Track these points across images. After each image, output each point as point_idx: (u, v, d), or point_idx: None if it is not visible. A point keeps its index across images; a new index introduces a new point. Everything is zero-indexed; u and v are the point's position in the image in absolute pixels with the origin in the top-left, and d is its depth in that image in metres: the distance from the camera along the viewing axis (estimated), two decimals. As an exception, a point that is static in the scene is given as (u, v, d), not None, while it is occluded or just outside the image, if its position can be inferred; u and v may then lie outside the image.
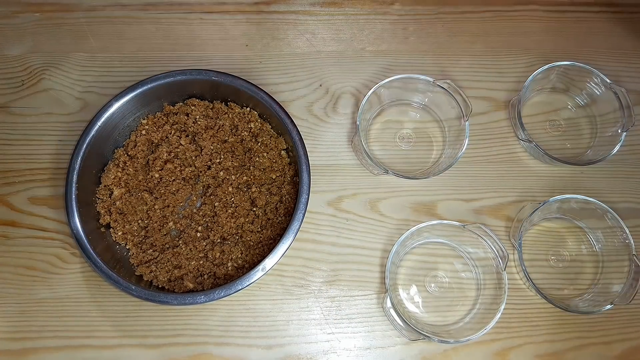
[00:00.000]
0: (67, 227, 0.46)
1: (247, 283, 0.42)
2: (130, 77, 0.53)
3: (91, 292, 0.47)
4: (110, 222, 0.47)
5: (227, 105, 0.50)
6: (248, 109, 0.50)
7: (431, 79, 0.49)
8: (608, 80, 0.51)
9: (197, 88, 0.49)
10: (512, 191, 0.52)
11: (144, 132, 0.50)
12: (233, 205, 0.48)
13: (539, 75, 0.51)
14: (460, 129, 0.49)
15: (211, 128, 0.49)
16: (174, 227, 0.48)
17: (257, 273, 0.42)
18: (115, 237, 0.47)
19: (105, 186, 0.48)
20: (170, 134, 0.50)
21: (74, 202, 0.44)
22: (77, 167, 0.45)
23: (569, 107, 0.55)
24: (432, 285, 0.49)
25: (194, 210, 0.49)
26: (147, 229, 0.48)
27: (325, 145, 0.52)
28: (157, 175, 0.48)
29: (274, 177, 0.49)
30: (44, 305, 0.47)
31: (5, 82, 0.54)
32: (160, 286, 0.46)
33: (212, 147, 0.49)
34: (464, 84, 0.55)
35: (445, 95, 0.49)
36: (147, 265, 0.46)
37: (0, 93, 0.53)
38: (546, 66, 0.51)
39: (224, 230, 0.47)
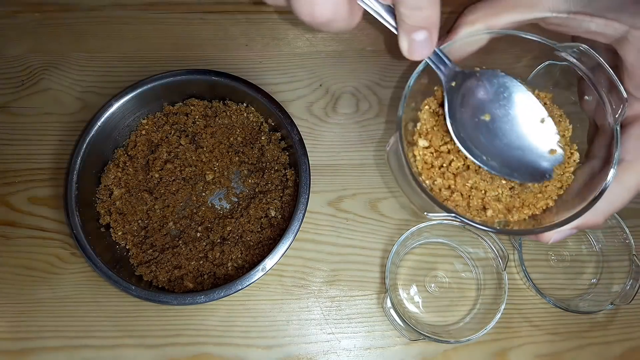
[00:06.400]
0: (67, 227, 0.46)
1: (247, 283, 0.42)
2: (130, 77, 0.53)
3: (91, 292, 0.47)
4: (110, 222, 0.47)
5: (224, 104, 0.50)
6: (244, 104, 0.50)
7: (553, 43, 0.33)
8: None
9: (196, 88, 0.49)
10: (512, 191, 0.52)
11: (143, 132, 0.50)
12: (234, 205, 0.48)
13: (541, 71, 0.50)
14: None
15: (210, 127, 0.49)
16: (173, 227, 0.48)
17: (257, 273, 0.42)
18: (115, 237, 0.47)
19: (105, 186, 0.48)
20: (170, 134, 0.50)
21: (73, 202, 0.44)
22: (77, 167, 0.45)
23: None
24: (432, 285, 0.49)
25: (194, 210, 0.49)
26: (147, 229, 0.48)
27: (325, 145, 0.52)
28: (157, 176, 0.48)
29: (273, 176, 0.49)
30: (44, 305, 0.47)
31: (5, 82, 0.54)
32: (160, 286, 0.46)
33: (211, 147, 0.49)
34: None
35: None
36: (147, 265, 0.46)
37: (0, 93, 0.53)
38: (546, 62, 0.50)
39: (224, 230, 0.47)
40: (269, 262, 0.42)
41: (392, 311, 0.44)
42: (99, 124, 0.46)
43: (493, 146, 0.32)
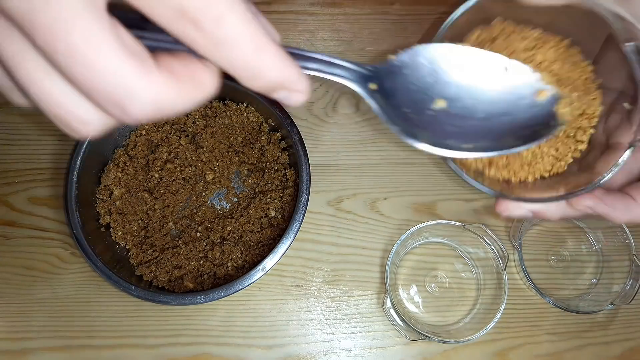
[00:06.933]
0: (67, 227, 0.46)
1: (247, 283, 0.42)
2: (130, 77, 0.53)
3: (91, 292, 0.47)
4: (110, 222, 0.47)
5: (224, 104, 0.50)
6: (244, 104, 0.50)
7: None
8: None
9: (197, 88, 0.49)
10: (512, 191, 0.52)
11: (143, 132, 0.50)
12: (234, 205, 0.48)
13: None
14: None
15: (210, 127, 0.49)
16: (173, 227, 0.48)
17: (257, 273, 0.42)
18: (115, 237, 0.47)
19: (105, 186, 0.48)
20: (170, 134, 0.50)
21: (73, 202, 0.44)
22: (77, 167, 0.45)
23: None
24: (432, 285, 0.49)
25: (194, 210, 0.49)
26: (147, 229, 0.48)
27: (325, 145, 0.52)
28: (157, 176, 0.48)
29: (273, 176, 0.49)
30: (44, 305, 0.47)
31: (5, 82, 0.54)
32: (160, 286, 0.46)
33: (211, 147, 0.49)
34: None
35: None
36: (147, 265, 0.46)
37: (0, 93, 0.53)
38: None
39: (224, 230, 0.47)
40: (269, 262, 0.42)
41: (392, 311, 0.44)
42: (99, 124, 0.46)
43: (469, 129, 0.26)
